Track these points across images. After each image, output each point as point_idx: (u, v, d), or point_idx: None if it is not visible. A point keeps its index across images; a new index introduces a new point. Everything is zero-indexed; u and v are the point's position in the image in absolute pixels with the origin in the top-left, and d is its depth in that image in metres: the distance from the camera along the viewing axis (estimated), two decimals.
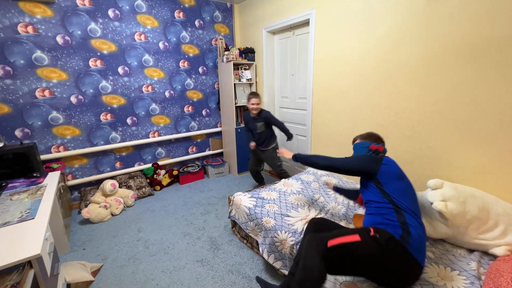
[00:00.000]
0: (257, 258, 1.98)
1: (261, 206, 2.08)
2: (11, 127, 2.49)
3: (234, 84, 3.38)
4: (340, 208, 2.00)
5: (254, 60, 3.54)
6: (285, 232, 1.75)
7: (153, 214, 2.67)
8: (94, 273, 1.82)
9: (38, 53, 2.49)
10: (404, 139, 2.08)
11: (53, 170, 2.44)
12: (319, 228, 1.50)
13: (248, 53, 3.49)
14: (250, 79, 3.55)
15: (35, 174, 1.85)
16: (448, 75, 1.76)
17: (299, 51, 3.01)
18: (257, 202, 2.14)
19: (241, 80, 3.49)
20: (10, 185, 1.72)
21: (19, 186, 1.70)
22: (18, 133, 2.53)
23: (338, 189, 1.93)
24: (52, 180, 1.80)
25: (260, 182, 3.10)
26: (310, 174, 2.68)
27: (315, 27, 2.61)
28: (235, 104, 3.44)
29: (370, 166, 1.42)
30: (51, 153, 2.70)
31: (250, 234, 2.06)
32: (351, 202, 2.07)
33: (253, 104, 2.68)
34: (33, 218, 1.25)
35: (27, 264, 1.06)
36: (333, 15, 2.42)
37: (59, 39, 2.57)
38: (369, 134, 1.63)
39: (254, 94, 2.72)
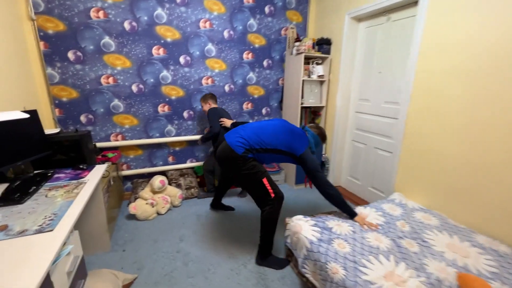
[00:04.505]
0: None
1: (328, 241, 1.57)
2: (77, 112, 2.52)
3: (303, 80, 2.88)
4: (450, 271, 1.33)
5: (329, 53, 2.96)
6: None
7: (198, 221, 2.39)
8: (126, 286, 1.59)
9: (107, 39, 2.44)
10: None
11: (108, 159, 2.37)
12: None
13: (322, 44, 2.94)
14: (322, 75, 2.99)
15: (81, 166, 1.71)
16: None
17: (394, 41, 2.32)
18: (322, 234, 1.64)
19: (311, 76, 2.96)
20: (55, 175, 1.60)
21: (63, 178, 1.56)
22: (83, 118, 2.55)
23: None
24: (95, 176, 1.62)
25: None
26: (396, 204, 2.01)
27: (428, 6, 1.90)
28: (301, 104, 2.94)
29: None
30: (110, 141, 2.68)
31: (307, 275, 1.57)
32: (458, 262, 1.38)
33: None
34: (51, 230, 1.02)
35: None
36: None
37: (126, 25, 2.48)
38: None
39: None
